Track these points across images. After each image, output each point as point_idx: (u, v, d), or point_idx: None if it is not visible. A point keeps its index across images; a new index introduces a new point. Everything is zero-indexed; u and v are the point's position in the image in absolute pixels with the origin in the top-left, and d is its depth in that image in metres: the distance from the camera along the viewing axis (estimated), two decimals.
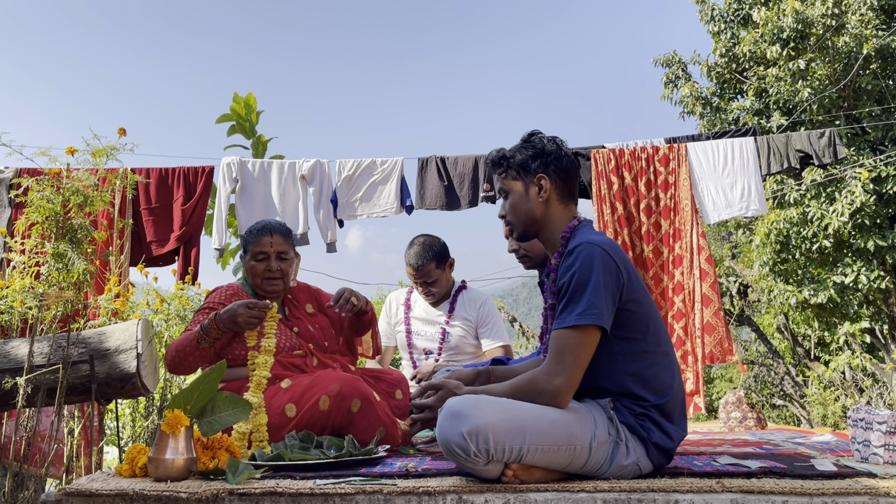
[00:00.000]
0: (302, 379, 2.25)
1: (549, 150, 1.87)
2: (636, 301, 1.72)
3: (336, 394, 2.14)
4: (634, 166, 4.58)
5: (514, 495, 1.50)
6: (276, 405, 2.17)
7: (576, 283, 1.66)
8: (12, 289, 2.76)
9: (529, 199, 1.87)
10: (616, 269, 1.69)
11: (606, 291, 1.66)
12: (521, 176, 1.88)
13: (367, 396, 2.19)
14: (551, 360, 1.66)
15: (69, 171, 2.78)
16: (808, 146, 4.66)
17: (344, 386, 2.16)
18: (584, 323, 1.62)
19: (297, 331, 2.45)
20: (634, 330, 1.71)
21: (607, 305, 1.66)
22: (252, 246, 2.48)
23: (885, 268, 8.03)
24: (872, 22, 8.66)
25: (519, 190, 1.88)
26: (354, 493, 1.53)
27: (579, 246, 1.71)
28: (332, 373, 2.26)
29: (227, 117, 5.52)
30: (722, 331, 4.25)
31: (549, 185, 1.85)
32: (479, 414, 1.54)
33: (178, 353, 2.28)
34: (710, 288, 4.32)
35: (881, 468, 1.76)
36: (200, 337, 2.25)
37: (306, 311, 2.59)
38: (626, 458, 1.65)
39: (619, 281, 1.69)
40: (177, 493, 1.54)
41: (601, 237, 1.76)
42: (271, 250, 2.48)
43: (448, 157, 4.77)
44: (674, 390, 1.73)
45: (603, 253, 1.68)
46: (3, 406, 2.56)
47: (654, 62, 10.48)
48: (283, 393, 2.21)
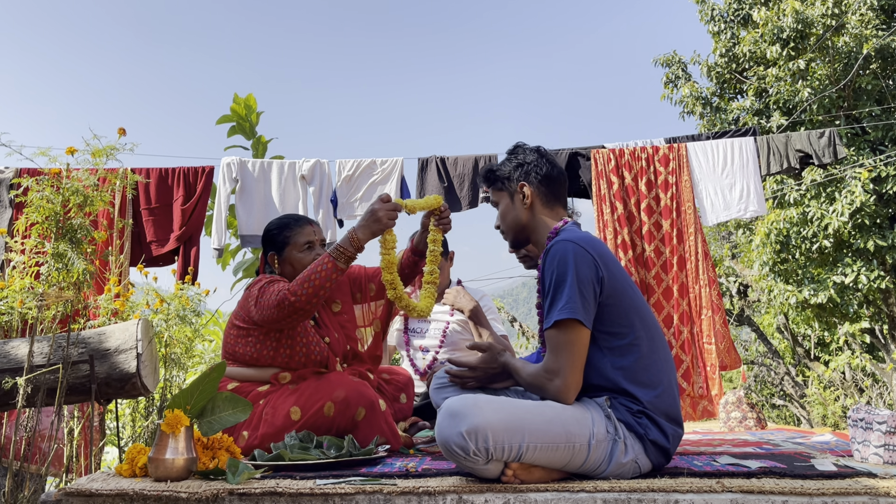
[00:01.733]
0: (309, 382, 2.23)
1: (530, 160, 1.99)
2: (620, 293, 1.74)
3: (342, 400, 2.13)
4: (634, 166, 4.58)
5: (514, 495, 1.50)
6: (281, 407, 2.16)
7: (555, 282, 1.73)
8: (12, 289, 2.76)
9: (515, 207, 1.99)
10: (593, 263, 1.72)
11: (583, 285, 1.70)
12: (505, 186, 2.01)
13: (373, 404, 2.17)
14: (548, 357, 1.72)
15: (69, 171, 2.78)
16: (807, 146, 4.66)
17: (350, 393, 2.14)
18: (563, 317, 1.67)
19: (328, 341, 2.40)
20: (620, 324, 1.73)
21: (587, 299, 1.69)
22: (295, 237, 2.42)
23: (885, 268, 8.03)
24: (872, 22, 8.66)
25: (506, 200, 2.02)
26: (354, 493, 1.53)
27: (554, 245, 1.78)
28: (340, 377, 2.24)
29: (227, 118, 5.53)
30: (728, 338, 4.28)
31: (531, 192, 1.97)
32: (477, 413, 1.55)
33: (313, 284, 2.12)
34: (717, 294, 4.35)
35: (881, 468, 1.76)
36: (338, 255, 2.13)
37: (332, 311, 2.52)
38: (624, 456, 1.65)
39: (597, 274, 1.72)
40: (177, 493, 1.54)
41: (578, 234, 1.81)
42: (316, 238, 2.45)
43: (448, 158, 4.77)
44: (663, 385, 1.73)
45: (577, 248, 1.73)
46: (3, 406, 2.56)
47: (654, 62, 10.49)
48: (289, 395, 2.20)
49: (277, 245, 2.44)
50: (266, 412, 2.18)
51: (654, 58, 10.46)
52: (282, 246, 2.43)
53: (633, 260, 4.42)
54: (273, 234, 2.46)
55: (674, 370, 1.82)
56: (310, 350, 2.30)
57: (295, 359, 2.29)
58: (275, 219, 2.55)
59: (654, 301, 4.37)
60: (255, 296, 2.25)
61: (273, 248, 2.46)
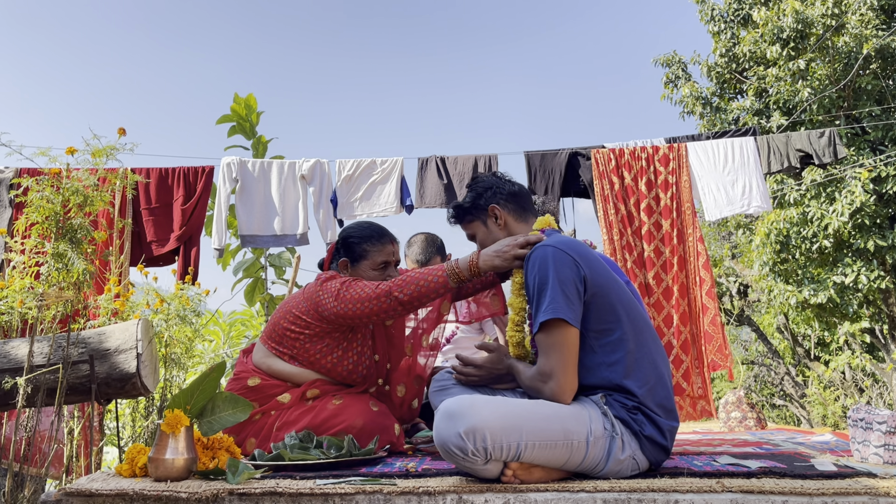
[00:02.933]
0: (325, 404, 2.15)
1: (491, 183, 2.08)
2: (604, 290, 1.75)
3: (359, 430, 2.09)
4: (634, 166, 4.58)
5: (513, 495, 1.50)
6: (292, 425, 2.12)
7: (537, 287, 1.75)
8: (12, 289, 2.76)
9: (491, 231, 2.06)
10: (573, 263, 1.74)
11: (565, 285, 1.71)
12: (477, 215, 2.08)
13: (389, 433, 2.15)
14: (540, 360, 1.73)
15: (69, 171, 2.78)
16: (808, 146, 4.66)
17: (367, 423, 2.11)
18: (548, 318, 1.69)
19: (377, 359, 2.34)
20: (607, 321, 1.74)
21: (570, 298, 1.70)
22: (374, 254, 2.34)
23: (885, 268, 8.03)
24: (872, 22, 8.66)
25: (481, 228, 2.08)
26: (354, 493, 1.53)
27: (534, 252, 1.81)
28: (360, 405, 2.17)
29: (227, 118, 5.53)
30: (720, 338, 4.28)
31: (501, 212, 2.05)
32: (475, 413, 1.55)
33: (420, 289, 2.06)
34: (708, 295, 4.34)
35: (881, 468, 1.76)
36: (451, 274, 2.04)
37: (384, 325, 2.41)
38: (622, 453, 1.66)
39: (578, 273, 1.73)
40: (177, 493, 1.54)
41: (558, 238, 1.83)
42: (393, 259, 2.38)
43: (448, 157, 4.77)
44: (655, 378, 1.74)
45: (555, 251, 1.75)
46: (3, 406, 2.56)
47: (654, 62, 10.48)
48: (304, 412, 2.14)
49: (354, 255, 2.37)
50: (277, 426, 2.14)
51: (654, 58, 10.46)
52: (358, 257, 2.36)
53: (634, 261, 4.42)
54: (352, 243, 2.38)
55: (666, 362, 1.83)
56: (358, 361, 2.26)
57: (340, 366, 2.24)
58: (357, 224, 2.47)
59: (653, 301, 4.37)
60: (335, 289, 2.16)
61: (348, 256, 2.38)
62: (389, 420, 2.19)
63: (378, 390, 2.38)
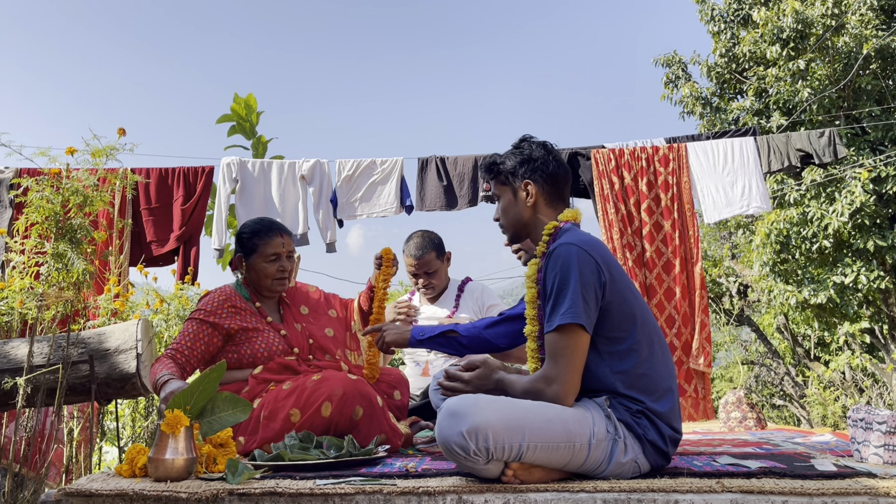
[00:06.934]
0: (305, 381, 2.20)
1: (537, 156, 1.93)
2: (621, 298, 1.73)
3: (339, 398, 2.11)
4: (634, 166, 4.58)
5: (513, 495, 1.50)
6: (280, 410, 2.14)
7: (557, 286, 1.70)
8: (12, 289, 2.76)
9: (518, 204, 1.95)
10: (596, 267, 1.71)
11: (586, 289, 1.68)
12: (509, 181, 1.96)
13: (371, 401, 2.17)
14: (547, 363, 1.71)
15: (69, 171, 2.78)
16: (808, 146, 4.66)
17: (347, 389, 2.13)
18: (566, 322, 1.66)
19: (284, 334, 2.43)
20: (620, 329, 1.72)
21: (589, 303, 1.68)
22: (263, 247, 2.45)
23: (885, 268, 8.03)
24: (872, 22, 8.66)
25: (508, 195, 1.97)
26: (354, 493, 1.53)
27: (558, 248, 1.74)
28: (337, 375, 2.22)
29: (227, 118, 5.53)
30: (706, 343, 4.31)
31: (536, 190, 1.92)
32: (478, 413, 1.55)
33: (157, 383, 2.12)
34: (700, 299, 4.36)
35: (881, 468, 1.76)
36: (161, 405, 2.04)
37: (300, 312, 2.57)
38: (624, 456, 1.65)
39: (600, 278, 1.70)
40: (177, 493, 1.54)
41: (582, 237, 1.78)
42: (283, 251, 2.47)
43: (448, 157, 4.77)
44: (660, 390, 1.72)
45: (580, 252, 1.71)
46: (3, 406, 2.56)
47: (654, 62, 10.48)
48: (286, 396, 2.17)
49: (246, 250, 2.48)
50: (264, 415, 2.15)
51: (654, 58, 10.46)
52: (250, 251, 2.47)
53: (634, 260, 4.42)
54: (244, 239, 2.50)
55: (674, 376, 1.80)
56: (269, 343, 2.36)
57: (258, 355, 2.35)
58: (250, 221, 2.57)
59: (655, 302, 4.37)
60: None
61: (242, 251, 2.50)
62: (369, 389, 2.21)
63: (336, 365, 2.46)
